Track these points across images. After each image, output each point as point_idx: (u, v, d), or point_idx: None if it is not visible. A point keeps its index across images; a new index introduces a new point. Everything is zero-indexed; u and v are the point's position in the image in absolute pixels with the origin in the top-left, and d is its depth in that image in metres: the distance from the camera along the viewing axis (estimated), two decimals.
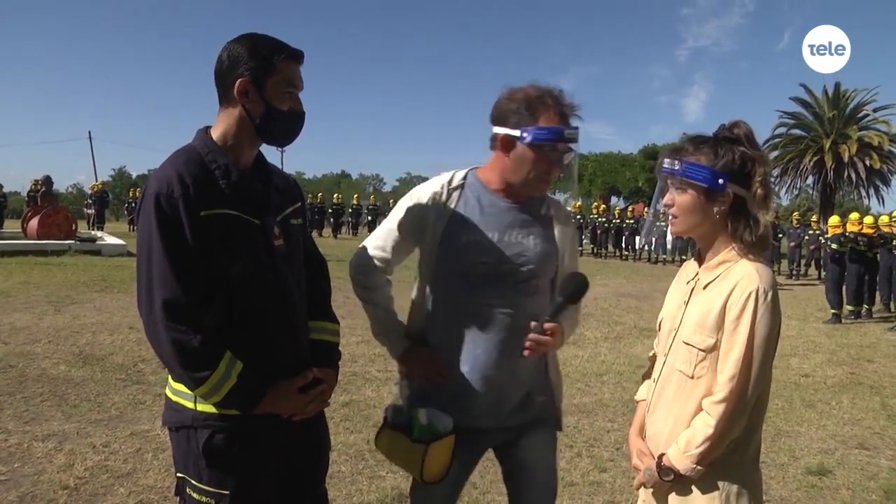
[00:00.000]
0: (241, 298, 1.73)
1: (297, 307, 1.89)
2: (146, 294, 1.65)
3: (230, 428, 1.73)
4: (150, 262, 1.64)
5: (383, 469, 3.92)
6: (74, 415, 4.67)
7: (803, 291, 15.22)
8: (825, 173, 33.61)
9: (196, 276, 1.65)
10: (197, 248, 1.64)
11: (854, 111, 34.73)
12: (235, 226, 1.71)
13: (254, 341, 1.75)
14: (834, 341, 9.03)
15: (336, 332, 2.07)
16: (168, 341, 1.61)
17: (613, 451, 4.41)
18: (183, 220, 1.63)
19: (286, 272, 1.84)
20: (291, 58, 1.76)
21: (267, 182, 1.86)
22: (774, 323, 1.63)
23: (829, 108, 34.84)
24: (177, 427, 1.77)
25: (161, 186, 1.64)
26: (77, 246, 16.10)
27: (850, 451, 4.68)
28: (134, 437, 4.25)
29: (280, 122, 1.77)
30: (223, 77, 1.74)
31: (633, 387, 5.85)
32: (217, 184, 1.71)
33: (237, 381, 1.67)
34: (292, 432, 1.85)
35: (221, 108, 1.78)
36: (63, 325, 7.56)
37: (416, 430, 1.99)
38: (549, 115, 1.94)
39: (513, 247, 2.04)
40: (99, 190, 27.75)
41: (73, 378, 5.53)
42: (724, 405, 1.62)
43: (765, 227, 1.68)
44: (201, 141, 1.78)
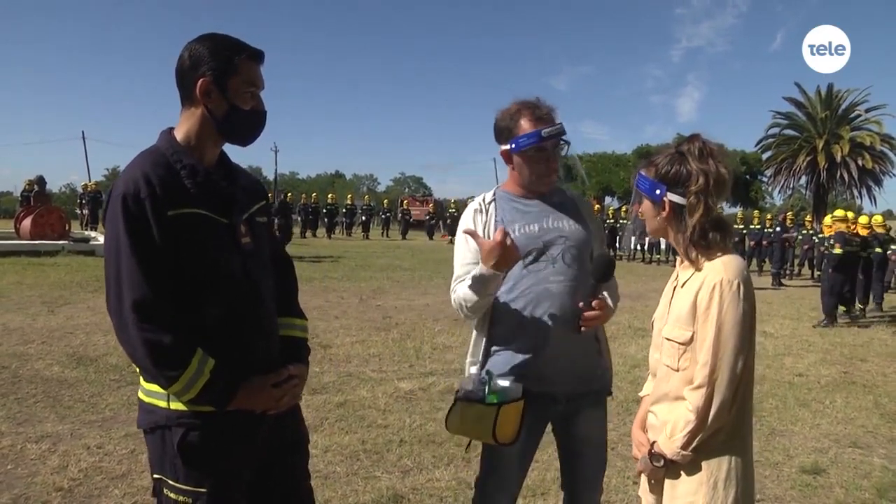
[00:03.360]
0: (211, 296, 1.74)
1: (266, 304, 1.91)
2: (115, 295, 1.66)
3: (204, 425, 1.73)
4: (118, 263, 1.65)
5: (378, 469, 3.92)
6: (68, 416, 4.65)
7: (797, 291, 15.28)
8: (818, 173, 33.77)
9: (165, 276, 1.66)
10: (165, 248, 1.66)
11: (846, 111, 34.92)
12: (203, 225, 1.73)
13: (225, 339, 1.76)
14: (827, 340, 9.07)
15: (305, 328, 2.10)
16: (139, 341, 1.62)
17: (609, 451, 4.41)
18: (150, 220, 1.65)
19: (254, 270, 1.86)
20: (252, 58, 1.79)
21: (232, 181, 1.88)
22: (743, 310, 1.73)
23: (822, 108, 35.02)
24: (151, 428, 1.77)
25: (128, 187, 1.66)
26: (70, 246, 16.06)
27: (844, 450, 4.71)
28: (128, 439, 4.23)
29: (243, 122, 1.81)
30: (184, 77, 1.76)
31: (628, 386, 5.90)
32: (183, 183, 1.73)
33: (210, 377, 1.68)
34: (267, 428, 1.87)
35: (184, 108, 1.80)
36: (57, 326, 7.54)
37: (488, 395, 2.17)
38: (527, 123, 2.26)
39: (552, 231, 2.34)
40: (92, 190, 27.59)
41: (67, 379, 5.51)
42: (701, 390, 1.74)
43: (699, 229, 1.81)
44: (166, 142, 1.79)
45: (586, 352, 2.38)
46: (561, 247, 2.32)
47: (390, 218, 34.55)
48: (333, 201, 32.39)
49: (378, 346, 7.33)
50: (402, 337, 7.74)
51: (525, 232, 2.31)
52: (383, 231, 33.23)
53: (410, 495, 3.64)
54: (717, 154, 1.85)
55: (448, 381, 5.90)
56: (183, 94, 1.79)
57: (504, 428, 2.15)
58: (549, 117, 2.28)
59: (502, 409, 2.14)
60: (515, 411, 2.18)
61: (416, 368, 6.42)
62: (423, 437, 4.49)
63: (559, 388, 2.32)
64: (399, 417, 4.87)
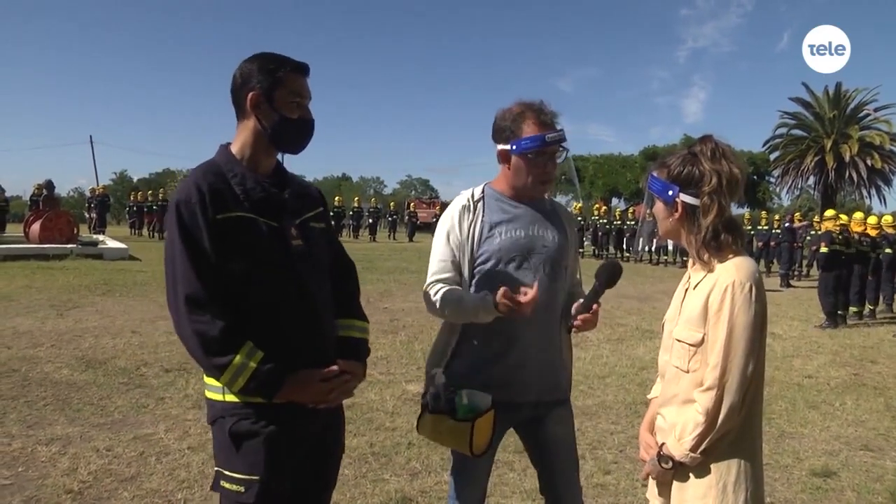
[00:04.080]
0: (258, 294, 1.84)
1: (316, 303, 1.97)
2: (172, 292, 1.80)
3: (254, 415, 1.84)
4: (173, 263, 1.80)
5: (387, 472, 3.92)
6: (78, 419, 4.67)
7: (805, 292, 15.18)
8: (826, 173, 33.66)
9: (214, 274, 1.78)
10: (214, 248, 1.79)
11: (855, 111, 34.83)
12: (250, 227, 1.85)
13: (271, 334, 1.85)
14: (837, 342, 9.01)
15: (365, 330, 2.17)
16: (191, 331, 1.76)
17: (617, 454, 4.40)
18: (200, 223, 1.79)
19: (305, 271, 1.94)
20: (296, 70, 1.93)
21: (283, 187, 1.99)
22: (755, 312, 1.73)
23: (830, 108, 34.92)
24: (213, 421, 1.90)
25: (181, 195, 1.82)
26: (79, 250, 16.13)
27: (855, 453, 4.66)
28: (137, 441, 4.26)
29: (290, 130, 1.94)
30: (237, 94, 1.92)
31: (636, 388, 5.89)
32: (233, 190, 1.87)
33: (256, 367, 1.77)
34: (315, 426, 1.95)
35: (239, 122, 1.95)
36: (65, 329, 7.57)
37: (460, 410, 2.19)
38: (531, 126, 2.25)
39: (537, 240, 2.34)
40: (100, 194, 27.74)
41: (76, 382, 5.54)
42: (711, 392, 1.74)
43: (711, 230, 1.81)
44: (222, 155, 1.95)
45: (553, 362, 2.38)
46: (542, 257, 2.32)
47: (397, 220, 34.53)
48: (340, 204, 32.49)
49: (386, 348, 7.33)
50: (410, 339, 7.74)
51: (511, 236, 2.31)
52: (390, 233, 33.22)
53: (419, 498, 3.63)
54: (730, 154, 1.85)
55: None
56: (237, 109, 1.94)
57: (479, 440, 2.18)
58: (552, 122, 2.29)
59: (476, 424, 2.15)
60: (487, 423, 2.21)
61: (423, 371, 6.38)
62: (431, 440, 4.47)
63: (525, 398, 2.33)
64: (407, 420, 4.86)
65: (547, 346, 2.35)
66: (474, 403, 2.20)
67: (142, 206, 28.28)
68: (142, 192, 30.80)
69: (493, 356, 2.29)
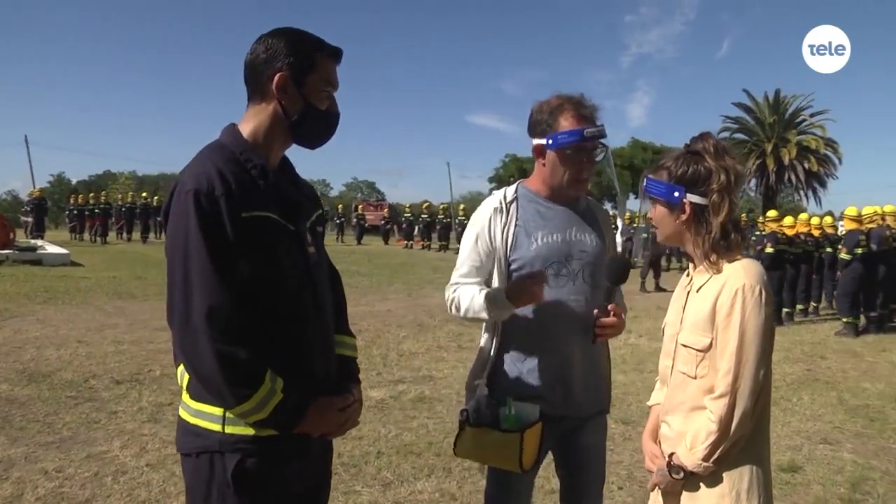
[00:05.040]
0: (281, 309, 1.62)
1: (329, 319, 1.80)
2: (182, 301, 1.50)
3: (263, 451, 1.59)
4: (186, 265, 1.50)
5: (358, 483, 3.79)
6: (21, 438, 4.36)
7: None
8: (767, 176, 34.79)
9: (238, 283, 1.53)
10: (239, 252, 1.53)
11: (793, 116, 36.15)
12: (274, 230, 1.61)
13: (291, 355, 1.63)
14: (787, 339, 9.25)
15: (355, 347, 1.98)
16: (212, 354, 1.47)
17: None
18: (225, 220, 1.51)
19: (319, 281, 1.76)
20: (332, 56, 1.70)
21: (297, 186, 1.78)
22: (765, 316, 1.68)
23: (770, 113, 36.16)
24: (197, 453, 1.61)
25: (200, 183, 1.52)
26: (15, 255, 15.46)
27: (816, 447, 4.77)
28: (90, 460, 4.00)
29: (316, 122, 1.71)
30: (258, 70, 1.65)
31: None
32: (256, 184, 1.61)
33: (283, 396, 1.55)
34: (313, 459, 1.76)
35: (252, 103, 1.69)
36: (3, 341, 7.14)
37: (507, 421, 2.05)
38: (569, 120, 2.11)
39: (575, 244, 2.21)
40: (37, 197, 26.60)
41: (18, 398, 5.19)
42: (724, 399, 1.67)
43: (721, 229, 1.75)
44: (232, 138, 1.67)
45: (597, 373, 2.29)
46: (581, 262, 2.21)
47: (344, 223, 34.23)
48: None
49: None
50: (367, 344, 7.57)
51: (548, 242, 2.18)
52: (338, 236, 32.82)
53: None
54: (730, 150, 1.81)
55: (418, 389, 5.81)
56: (253, 88, 1.68)
57: (528, 454, 2.03)
58: (592, 117, 2.16)
59: (525, 435, 2.01)
60: (535, 435, 2.07)
61: (384, 376, 6.29)
62: (401, 448, 4.38)
63: (570, 411, 2.22)
64: (373, 428, 4.74)
65: (590, 356, 2.24)
66: (522, 414, 2.06)
67: (83, 210, 27.15)
68: (82, 194, 29.59)
69: (538, 367, 2.17)
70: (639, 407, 5.49)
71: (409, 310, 10.40)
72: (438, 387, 5.92)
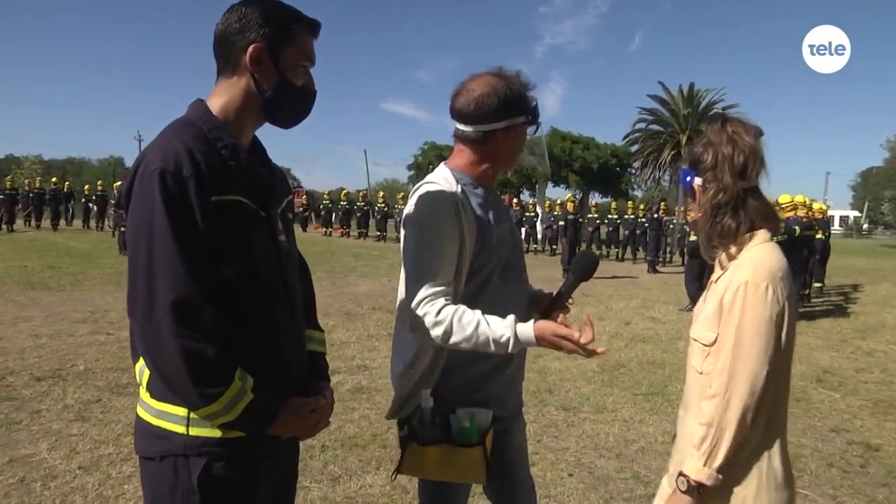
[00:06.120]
0: (251, 301, 1.51)
1: (300, 313, 1.70)
2: (145, 292, 1.38)
3: (231, 455, 1.50)
4: (150, 252, 1.38)
5: (306, 479, 3.69)
6: None
7: (672, 277, 16.15)
8: None
9: (207, 273, 1.41)
10: (207, 239, 1.41)
11: (706, 109, 37.65)
12: (246, 216, 1.51)
13: (263, 352, 1.54)
14: None
15: (324, 342, 1.88)
16: (177, 350, 1.36)
17: (536, 444, 4.42)
18: (193, 203, 1.40)
19: (290, 272, 1.65)
20: (309, 28, 1.59)
21: (269, 168, 1.66)
22: (770, 314, 1.55)
23: (684, 105, 37.58)
24: (161, 456, 1.50)
25: (167, 162, 1.39)
26: None
27: None
28: (14, 465, 3.72)
29: (292, 98, 1.59)
30: (229, 42, 1.53)
31: (535, 376, 5.94)
32: (227, 165, 1.49)
33: (253, 396, 1.45)
34: (282, 456, 1.67)
35: (223, 77, 1.57)
36: None
37: (467, 434, 1.90)
38: (530, 95, 2.01)
39: (512, 234, 2.11)
40: None
41: None
42: (715, 400, 1.58)
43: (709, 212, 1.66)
44: (200, 114, 1.54)
45: (523, 368, 2.21)
46: (518, 254, 2.10)
47: None
48: None
49: None
50: None
51: (500, 236, 2.01)
52: None
53: None
54: (737, 125, 1.69)
55: (355, 379, 5.73)
56: (224, 61, 1.56)
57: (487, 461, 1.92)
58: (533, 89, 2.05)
59: (486, 445, 1.91)
60: (490, 440, 1.97)
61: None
62: (345, 441, 4.30)
63: (509, 411, 2.12)
64: None
65: (522, 352, 2.10)
66: (480, 423, 1.93)
67: None
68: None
69: (489, 370, 2.02)
70: (577, 393, 5.60)
71: (334, 298, 10.26)
72: (374, 377, 5.85)
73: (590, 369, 6.43)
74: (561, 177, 35.74)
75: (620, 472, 3.97)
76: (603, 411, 5.17)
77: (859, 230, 58.46)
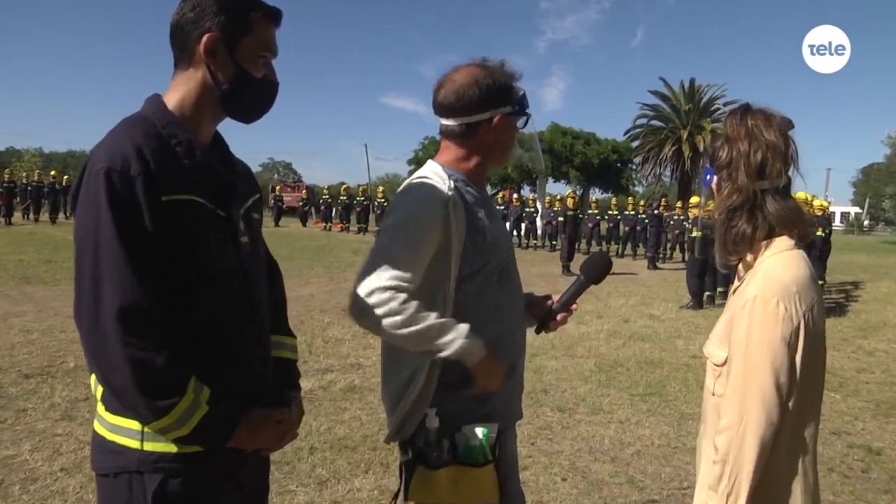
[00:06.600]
0: (208, 307, 1.44)
1: (265, 318, 1.62)
2: (91, 298, 1.31)
3: (189, 470, 1.42)
4: (96, 256, 1.31)
5: (293, 482, 3.62)
6: None
7: (672, 274, 16.10)
8: (683, 162, 36.08)
9: (157, 278, 1.34)
10: (157, 242, 1.34)
11: (707, 104, 37.61)
12: (201, 216, 1.43)
13: (222, 360, 1.46)
14: (710, 322, 9.44)
15: (295, 349, 1.80)
16: (124, 360, 1.29)
17: (529, 446, 4.34)
18: (142, 204, 1.32)
19: (254, 276, 1.57)
20: (269, 17, 1.51)
21: (231, 166, 1.58)
22: (779, 333, 1.38)
23: (686, 101, 37.49)
24: (115, 473, 1.43)
25: (114, 161, 1.32)
26: None
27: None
28: None
29: (251, 91, 1.51)
30: (184, 32, 1.46)
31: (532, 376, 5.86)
32: (181, 163, 1.41)
33: (208, 409, 1.38)
34: (249, 470, 1.58)
35: (179, 70, 1.49)
36: None
37: (475, 452, 1.78)
38: (517, 84, 1.90)
39: (505, 233, 2.01)
40: None
41: None
42: (728, 434, 1.41)
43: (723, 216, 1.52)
44: (155, 109, 1.46)
45: (523, 376, 2.07)
46: (511, 254, 1.98)
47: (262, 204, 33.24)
48: None
49: None
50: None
51: (495, 237, 1.88)
52: None
53: None
54: (758, 119, 1.52)
55: (348, 378, 5.65)
56: (180, 52, 1.48)
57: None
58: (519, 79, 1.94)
59: (498, 461, 1.80)
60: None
61: (311, 365, 6.06)
62: (335, 443, 4.22)
63: (509, 422, 1.98)
64: (304, 421, 4.40)
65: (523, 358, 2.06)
66: (487, 438, 1.80)
67: None
68: None
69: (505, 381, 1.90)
70: (573, 393, 5.52)
71: (331, 294, 10.13)
72: (368, 375, 5.76)
73: (587, 368, 6.36)
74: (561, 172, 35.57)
75: (615, 477, 3.89)
76: (599, 412, 5.08)
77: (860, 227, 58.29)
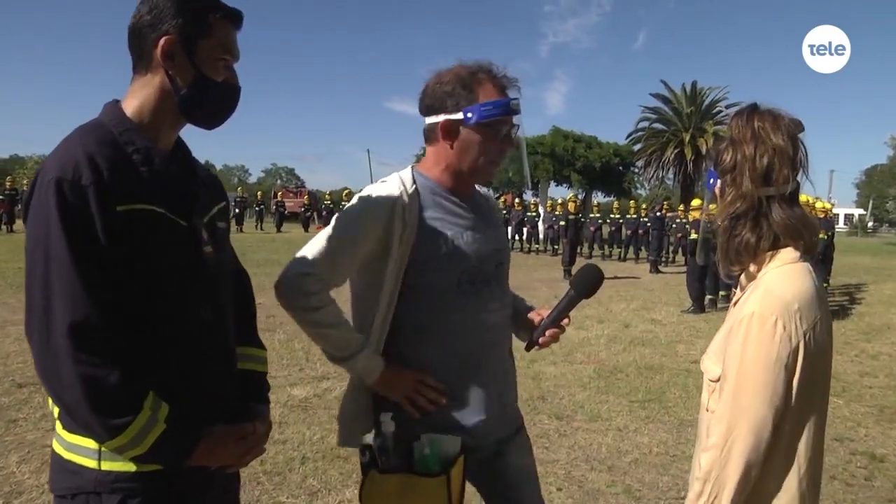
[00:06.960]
0: (167, 320, 1.39)
1: (229, 331, 1.57)
2: (41, 313, 1.27)
3: (148, 490, 1.37)
4: (47, 270, 1.26)
5: (283, 493, 3.56)
6: None
7: (674, 278, 15.98)
8: (685, 165, 36.02)
9: (111, 291, 1.29)
10: (111, 254, 1.28)
11: (709, 107, 37.58)
12: (160, 227, 1.37)
13: (182, 376, 1.42)
14: (712, 326, 9.45)
15: (265, 361, 1.75)
16: (75, 378, 1.24)
17: None
18: (94, 214, 1.27)
19: (218, 286, 1.52)
20: (229, 19, 1.45)
21: (192, 174, 1.52)
22: (776, 354, 1.31)
23: (687, 104, 37.45)
24: (72, 494, 1.38)
25: (65, 170, 1.27)
26: None
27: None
28: None
29: (211, 96, 1.45)
30: (140, 35, 1.41)
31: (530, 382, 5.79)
32: (138, 171, 1.36)
33: (165, 427, 1.32)
34: (216, 489, 1.53)
35: (137, 75, 1.44)
36: None
37: (428, 462, 1.74)
38: (489, 90, 1.79)
39: (488, 242, 1.89)
40: None
41: None
42: (713, 452, 1.36)
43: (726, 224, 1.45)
44: (112, 116, 1.41)
45: (511, 387, 2.01)
46: (495, 263, 1.90)
47: (264, 210, 33.44)
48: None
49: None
50: (289, 338, 7.23)
51: (459, 243, 1.82)
52: (257, 224, 31.97)
53: None
54: (766, 120, 1.43)
55: (343, 386, 5.54)
56: (137, 57, 1.43)
57: (455, 496, 1.74)
58: (510, 86, 1.83)
59: (452, 475, 1.72)
60: (459, 472, 1.78)
61: (307, 372, 6.01)
62: (327, 453, 4.15)
63: (489, 437, 1.91)
64: (297, 430, 4.50)
65: (506, 367, 1.98)
66: (445, 451, 1.76)
67: None
68: None
69: (458, 392, 1.84)
70: (571, 400, 5.45)
71: None
72: None
73: (586, 374, 6.28)
74: (563, 176, 35.61)
75: (611, 487, 3.82)
76: (597, 420, 5.01)
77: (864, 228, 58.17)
